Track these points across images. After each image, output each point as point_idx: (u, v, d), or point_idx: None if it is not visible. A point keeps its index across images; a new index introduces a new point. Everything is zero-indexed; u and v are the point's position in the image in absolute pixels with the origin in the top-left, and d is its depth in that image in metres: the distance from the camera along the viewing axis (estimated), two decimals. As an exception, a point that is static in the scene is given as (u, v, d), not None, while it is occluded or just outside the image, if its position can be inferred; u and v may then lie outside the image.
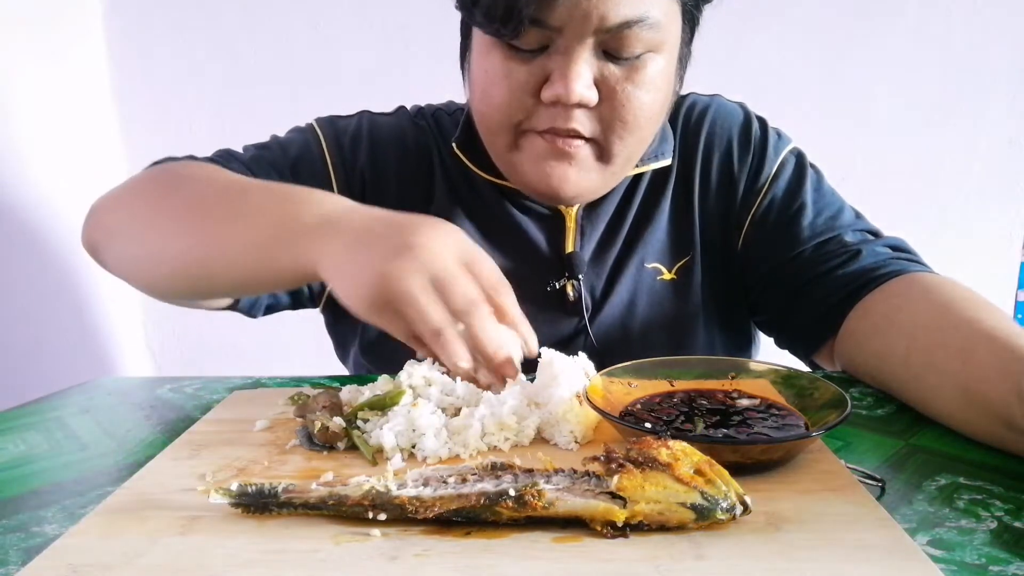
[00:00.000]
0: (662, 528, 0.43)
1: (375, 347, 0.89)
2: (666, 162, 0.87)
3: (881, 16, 1.46)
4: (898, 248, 0.81)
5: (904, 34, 1.47)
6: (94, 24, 1.51)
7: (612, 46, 0.70)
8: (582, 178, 0.76)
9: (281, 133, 0.90)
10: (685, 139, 0.90)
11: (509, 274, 0.82)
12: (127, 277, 0.80)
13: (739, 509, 0.43)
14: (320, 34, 1.51)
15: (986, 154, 1.51)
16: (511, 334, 0.58)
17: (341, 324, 0.95)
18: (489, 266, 0.59)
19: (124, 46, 1.53)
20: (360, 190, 0.87)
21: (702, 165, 0.89)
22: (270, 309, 0.91)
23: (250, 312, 0.90)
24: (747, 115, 0.91)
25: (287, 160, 0.86)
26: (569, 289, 0.86)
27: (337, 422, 0.58)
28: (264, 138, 0.89)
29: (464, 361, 0.55)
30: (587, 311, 0.85)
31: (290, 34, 1.51)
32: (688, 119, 0.90)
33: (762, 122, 0.91)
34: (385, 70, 1.52)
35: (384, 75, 1.52)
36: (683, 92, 0.89)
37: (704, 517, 0.42)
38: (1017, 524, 0.46)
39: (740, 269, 0.89)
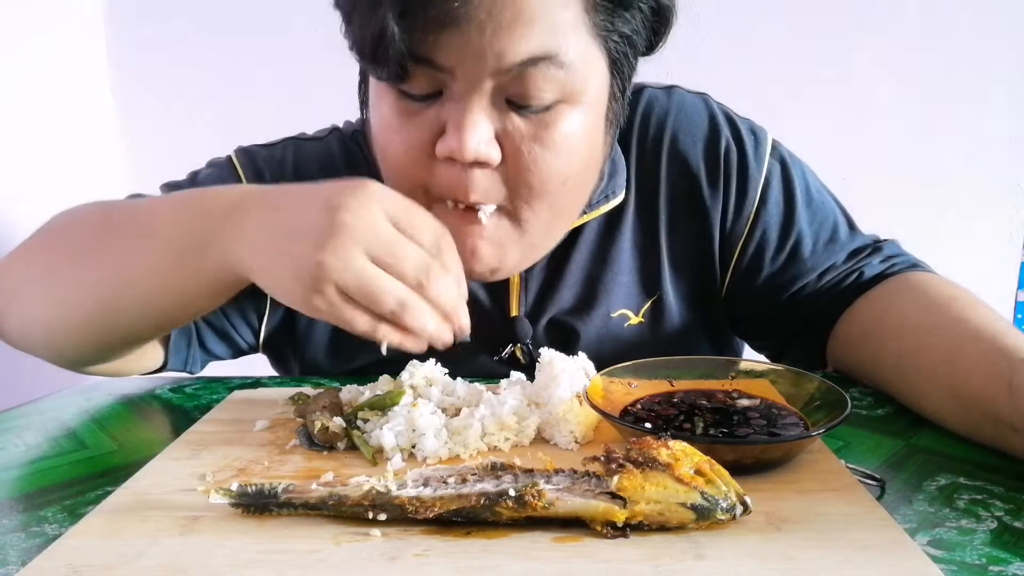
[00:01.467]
0: (662, 528, 0.43)
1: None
2: (618, 199, 0.77)
3: (881, 16, 1.46)
4: (893, 255, 0.80)
5: (904, 34, 1.47)
6: (94, 24, 1.51)
7: (516, 92, 0.59)
8: (494, 253, 0.66)
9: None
10: (642, 159, 0.79)
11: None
12: (34, 345, 0.72)
13: (739, 509, 0.43)
14: (320, 35, 1.51)
15: (986, 154, 1.51)
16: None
17: (285, 360, 0.88)
18: (427, 223, 0.54)
19: (124, 46, 1.53)
20: None
21: (667, 195, 0.79)
22: (206, 364, 0.85)
23: (185, 368, 0.82)
24: (712, 120, 0.79)
25: None
26: (519, 354, 0.79)
27: (337, 422, 0.58)
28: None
29: (432, 323, 0.53)
30: None
31: (290, 34, 1.51)
32: (645, 131, 0.79)
33: (732, 124, 0.79)
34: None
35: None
36: (668, 83, 0.84)
37: (704, 517, 0.42)
38: (1017, 524, 0.46)
39: (726, 302, 0.82)
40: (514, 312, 0.79)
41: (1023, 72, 1.47)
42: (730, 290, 0.82)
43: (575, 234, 0.79)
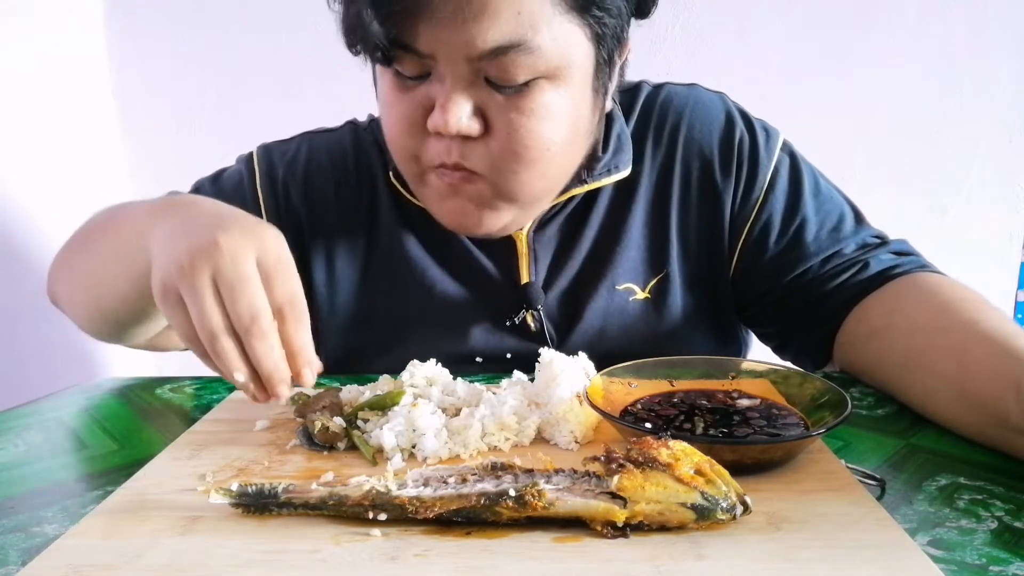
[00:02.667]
0: (662, 528, 0.43)
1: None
2: (623, 174, 0.80)
3: (881, 16, 1.46)
4: (902, 252, 0.80)
5: (904, 34, 1.47)
6: (94, 24, 1.51)
7: (492, 73, 0.63)
8: (484, 214, 0.71)
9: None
10: (658, 144, 0.82)
11: (468, 304, 0.82)
12: (78, 325, 0.79)
13: (739, 509, 0.43)
14: (320, 34, 1.51)
15: (986, 154, 1.51)
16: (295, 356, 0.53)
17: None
18: (289, 283, 0.53)
19: (124, 46, 1.53)
20: (296, 226, 0.83)
21: (681, 177, 0.82)
22: None
23: None
24: (728, 114, 0.83)
25: (220, 199, 0.81)
26: (529, 320, 0.82)
27: (337, 422, 0.58)
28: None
29: (238, 373, 0.51)
30: (552, 340, 0.82)
31: (290, 33, 1.51)
32: (663, 120, 0.83)
33: (747, 120, 0.83)
34: (385, 70, 1.51)
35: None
36: (687, 81, 0.86)
37: (704, 517, 0.42)
38: (1017, 524, 0.46)
39: (732, 285, 0.84)
40: (525, 279, 0.81)
41: (1023, 72, 1.47)
42: (736, 272, 0.84)
43: (587, 207, 0.82)
